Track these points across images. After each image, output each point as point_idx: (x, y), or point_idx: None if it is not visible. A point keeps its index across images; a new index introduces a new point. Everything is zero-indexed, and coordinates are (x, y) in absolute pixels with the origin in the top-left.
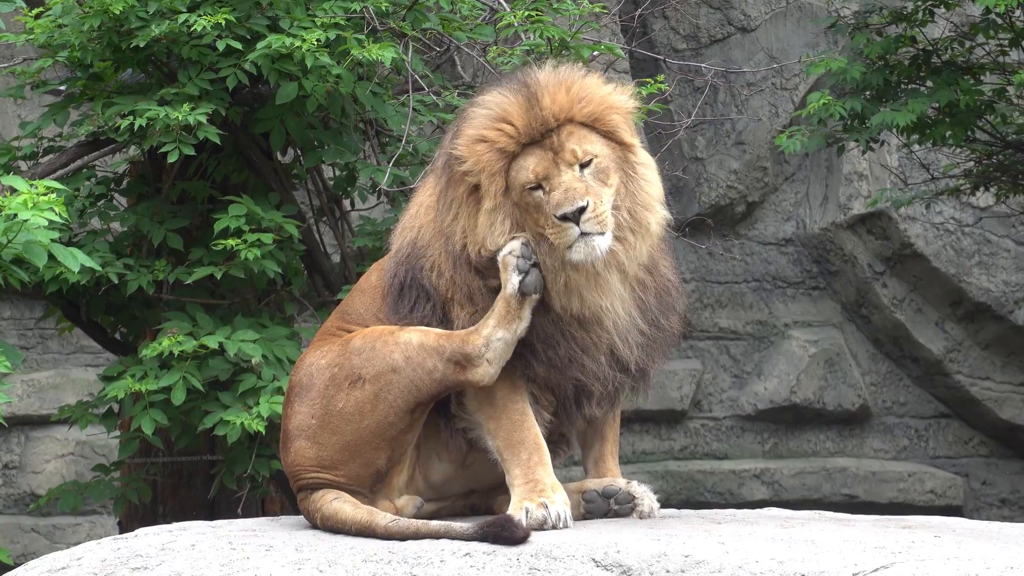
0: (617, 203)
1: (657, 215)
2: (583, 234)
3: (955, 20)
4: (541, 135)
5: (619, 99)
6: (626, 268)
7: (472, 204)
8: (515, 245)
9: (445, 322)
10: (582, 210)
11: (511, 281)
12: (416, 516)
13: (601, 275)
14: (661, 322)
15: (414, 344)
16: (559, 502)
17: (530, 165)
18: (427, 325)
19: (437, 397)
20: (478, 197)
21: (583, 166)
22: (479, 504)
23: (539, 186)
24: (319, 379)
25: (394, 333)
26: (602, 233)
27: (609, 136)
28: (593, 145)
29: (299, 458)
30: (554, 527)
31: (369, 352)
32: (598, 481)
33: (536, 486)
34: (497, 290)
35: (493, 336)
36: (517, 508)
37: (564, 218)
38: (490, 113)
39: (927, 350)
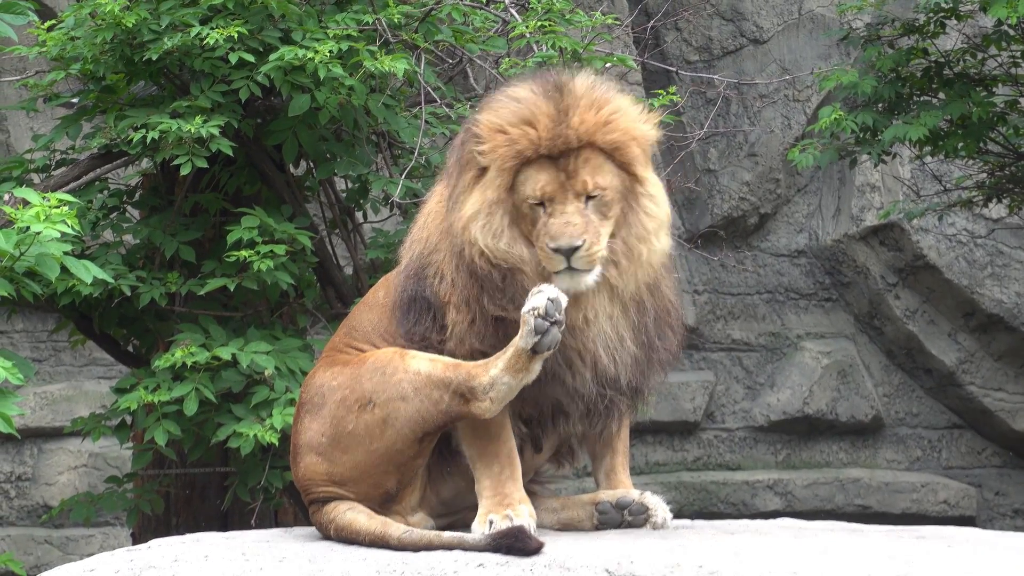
0: (615, 231)
1: (653, 247)
2: (570, 268)
3: (967, 32)
4: (560, 152)
5: (643, 130)
6: (616, 290)
7: (475, 186)
8: (540, 303)
9: (442, 330)
10: (575, 248)
11: (527, 339)
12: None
13: (586, 296)
14: (655, 343)
15: (423, 375)
16: (524, 515)
17: (540, 181)
18: (428, 337)
19: (444, 427)
20: (483, 182)
21: (589, 197)
22: None
23: (542, 203)
24: (330, 398)
25: (404, 359)
26: (590, 271)
27: (623, 167)
28: (604, 177)
29: (310, 472)
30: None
31: (380, 378)
32: (611, 492)
33: (504, 499)
34: (496, 316)
35: (499, 380)
36: (482, 519)
37: (556, 251)
38: (518, 109)
39: (940, 361)
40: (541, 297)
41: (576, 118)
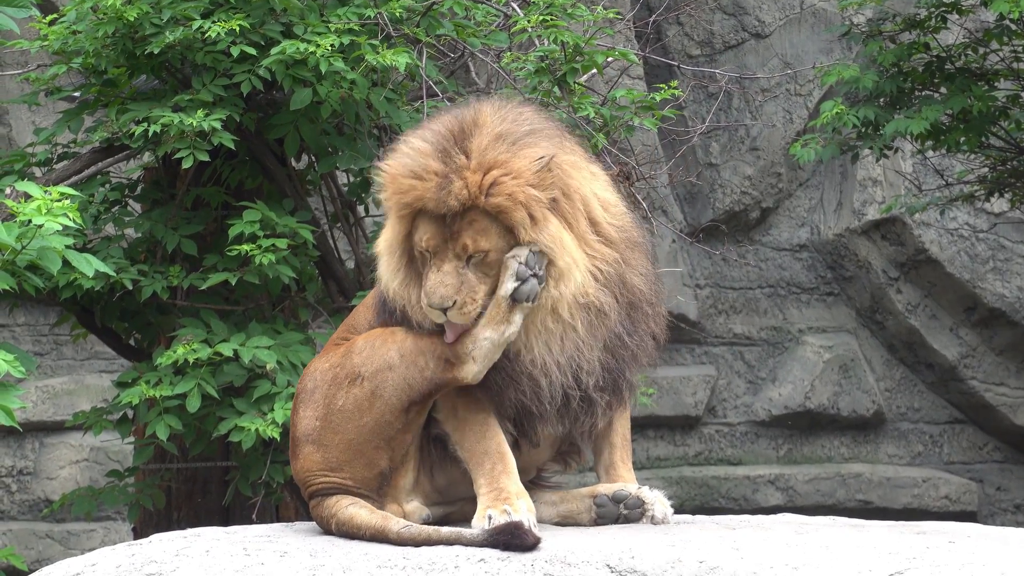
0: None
1: (558, 292)
2: (448, 320)
3: (969, 26)
4: (443, 212)
5: (528, 194)
6: (559, 307)
7: (386, 223)
8: (523, 251)
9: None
10: (446, 308)
11: (506, 284)
12: (425, 523)
13: (528, 317)
14: (626, 340)
15: (409, 342)
16: (522, 509)
17: (426, 234)
18: None
19: (430, 396)
20: (388, 222)
21: (470, 257)
22: None
23: (428, 251)
24: (322, 380)
25: (394, 332)
26: (466, 324)
27: (509, 231)
28: (488, 240)
29: (307, 463)
30: None
31: (369, 351)
32: (609, 486)
33: (500, 494)
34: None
35: (481, 335)
36: (481, 516)
37: (430, 306)
38: (411, 162)
39: (941, 356)
40: (523, 249)
41: (458, 183)
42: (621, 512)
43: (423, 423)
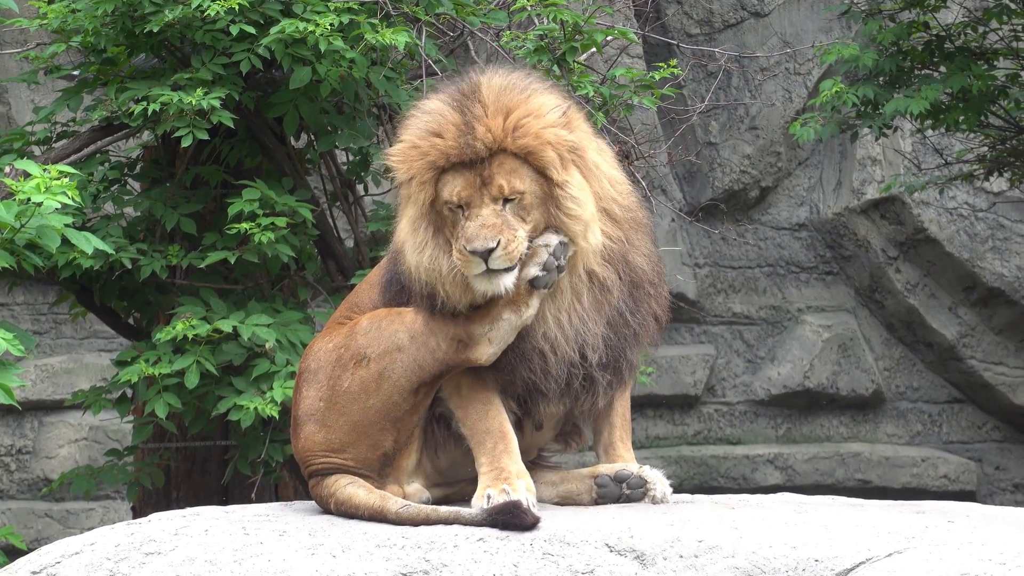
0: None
1: (582, 246)
2: (489, 270)
3: (968, 5)
4: (471, 160)
5: (556, 134)
6: (563, 281)
7: (405, 208)
8: (553, 240)
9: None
10: (491, 250)
11: (530, 270)
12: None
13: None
14: (628, 318)
15: (419, 322)
16: (521, 489)
17: (456, 186)
18: None
19: (440, 377)
20: (408, 202)
21: (507, 200)
22: None
23: (461, 206)
24: (326, 361)
25: (401, 313)
26: (510, 269)
27: (539, 172)
28: (522, 181)
29: (309, 443)
30: None
31: (375, 331)
32: (610, 466)
33: (500, 473)
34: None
35: (500, 315)
36: (480, 494)
37: (473, 252)
38: (426, 124)
39: (940, 335)
40: (555, 238)
41: (481, 128)
42: (623, 492)
43: (429, 404)
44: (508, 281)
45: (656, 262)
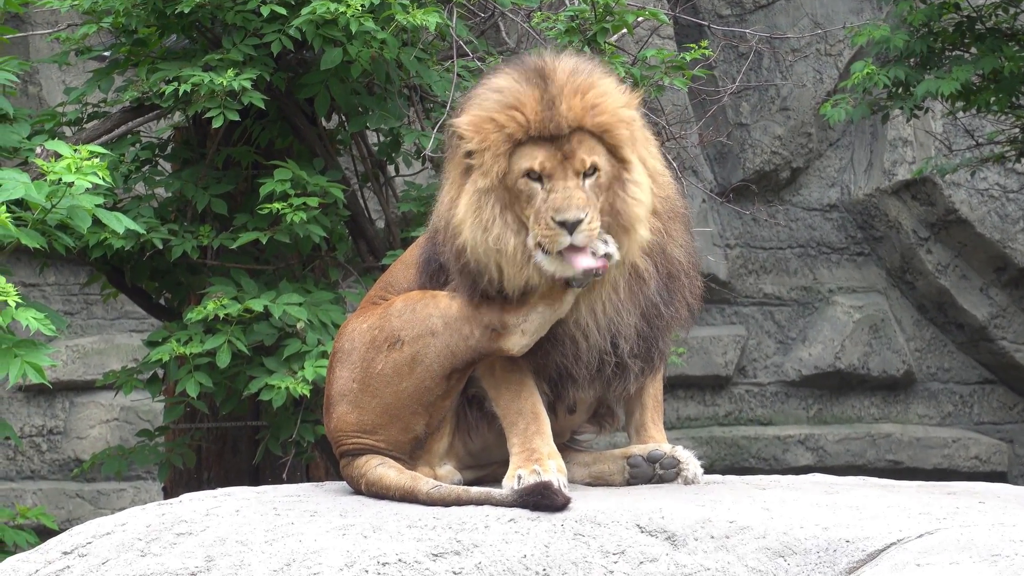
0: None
1: (633, 237)
2: (571, 247)
3: None
4: (551, 136)
5: (630, 114)
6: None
7: (465, 184)
8: (601, 249)
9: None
10: (579, 221)
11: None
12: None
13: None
14: (662, 309)
15: (454, 309)
16: (552, 470)
17: (538, 157)
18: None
19: (472, 364)
20: (474, 175)
21: (586, 176)
22: None
23: (540, 178)
24: (360, 342)
25: (436, 297)
26: (583, 249)
27: (612, 150)
28: (599, 158)
29: (341, 423)
30: None
31: (410, 315)
32: (642, 447)
33: (532, 454)
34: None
35: (535, 309)
36: (511, 475)
37: (562, 223)
38: (502, 98)
39: (971, 316)
40: (602, 246)
41: (564, 104)
42: (656, 472)
43: (462, 388)
44: (581, 265)
45: (692, 252)
